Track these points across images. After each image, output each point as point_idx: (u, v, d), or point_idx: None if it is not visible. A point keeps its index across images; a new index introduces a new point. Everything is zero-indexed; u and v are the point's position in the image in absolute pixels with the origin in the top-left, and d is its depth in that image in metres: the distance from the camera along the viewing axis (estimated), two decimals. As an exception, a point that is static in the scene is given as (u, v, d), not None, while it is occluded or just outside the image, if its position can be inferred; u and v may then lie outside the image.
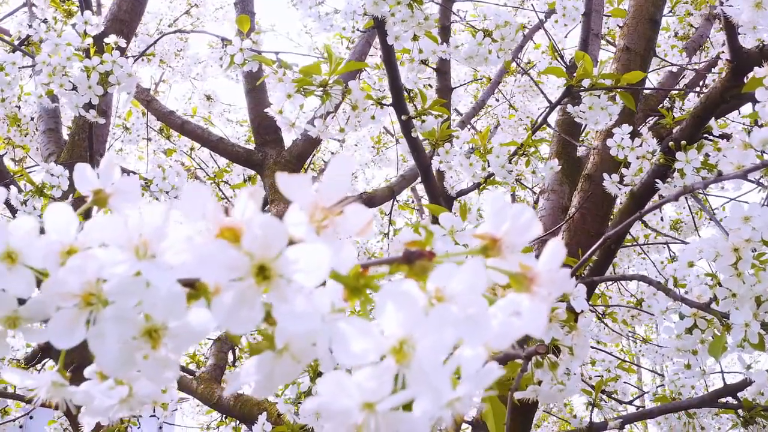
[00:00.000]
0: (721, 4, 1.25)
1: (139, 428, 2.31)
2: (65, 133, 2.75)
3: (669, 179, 1.58)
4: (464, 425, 2.32)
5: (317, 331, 0.38)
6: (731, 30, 1.40)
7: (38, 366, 2.81)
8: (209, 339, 3.75)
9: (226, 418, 3.61)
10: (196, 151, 4.00)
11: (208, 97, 5.19)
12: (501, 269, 0.36)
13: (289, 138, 3.21)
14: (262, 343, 0.42)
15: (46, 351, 2.75)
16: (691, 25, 3.05)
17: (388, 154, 5.10)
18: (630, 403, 2.85)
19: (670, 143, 1.56)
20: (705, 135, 1.71)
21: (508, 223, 0.38)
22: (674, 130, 1.63)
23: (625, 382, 2.99)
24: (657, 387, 2.30)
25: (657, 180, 1.58)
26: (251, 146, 3.18)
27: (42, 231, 0.42)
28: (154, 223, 0.36)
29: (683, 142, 1.53)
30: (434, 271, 0.33)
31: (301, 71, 1.40)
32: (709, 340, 1.35)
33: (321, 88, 1.41)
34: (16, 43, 2.20)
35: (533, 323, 0.35)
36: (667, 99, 2.83)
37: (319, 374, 1.29)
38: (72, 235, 0.40)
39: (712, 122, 1.56)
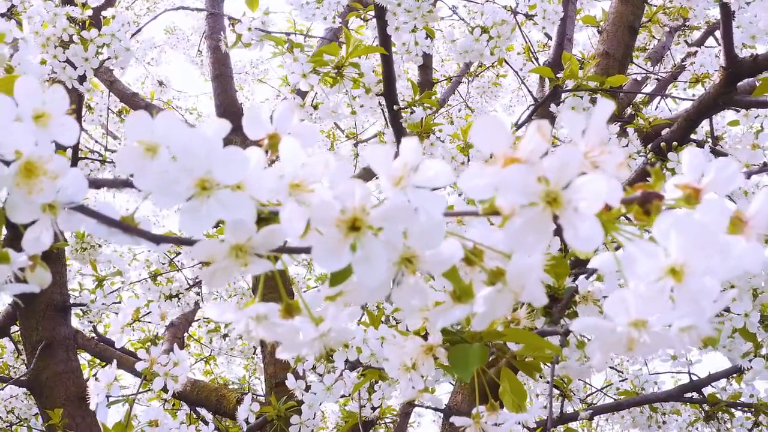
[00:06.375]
0: (732, 13, 1.32)
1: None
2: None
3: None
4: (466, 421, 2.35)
5: (534, 265, 0.41)
6: (728, 38, 1.47)
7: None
8: (164, 324, 3.70)
9: (173, 406, 3.59)
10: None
11: (161, 83, 5.13)
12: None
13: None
14: (460, 288, 0.45)
15: (3, 329, 2.69)
16: (653, 37, 3.18)
17: (341, 148, 5.10)
18: (582, 400, 2.94)
19: (662, 143, 1.64)
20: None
21: (712, 174, 0.42)
22: (663, 132, 1.70)
23: (579, 380, 3.09)
24: (620, 381, 2.39)
25: (647, 179, 1.65)
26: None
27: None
28: (413, 154, 0.38)
29: (674, 143, 1.61)
30: (699, 205, 0.36)
31: (316, 52, 1.42)
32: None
33: (336, 70, 1.43)
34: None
35: (752, 260, 0.39)
36: (630, 106, 2.94)
37: (332, 352, 1.30)
38: (299, 169, 0.42)
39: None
